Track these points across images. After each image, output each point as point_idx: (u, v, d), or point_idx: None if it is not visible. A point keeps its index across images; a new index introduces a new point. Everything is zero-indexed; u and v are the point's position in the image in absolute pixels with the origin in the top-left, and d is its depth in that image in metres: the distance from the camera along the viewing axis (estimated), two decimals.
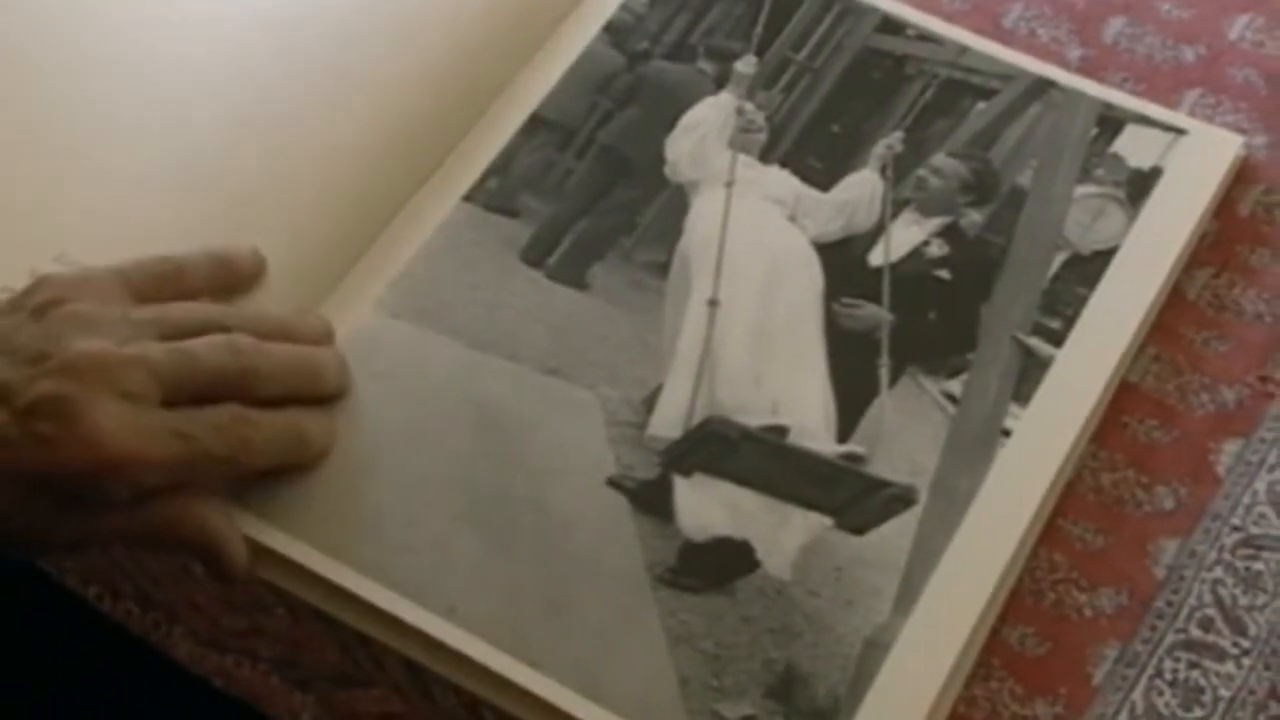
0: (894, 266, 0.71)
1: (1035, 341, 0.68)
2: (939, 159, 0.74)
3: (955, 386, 0.67)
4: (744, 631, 0.62)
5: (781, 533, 0.64)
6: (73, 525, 0.59)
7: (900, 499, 0.64)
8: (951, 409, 0.67)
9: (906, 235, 0.72)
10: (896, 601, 0.62)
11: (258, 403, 0.62)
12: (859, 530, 0.64)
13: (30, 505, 0.58)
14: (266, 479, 0.64)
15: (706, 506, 0.65)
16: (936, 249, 0.72)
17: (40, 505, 0.58)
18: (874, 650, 0.61)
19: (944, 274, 0.71)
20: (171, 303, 0.64)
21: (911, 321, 0.69)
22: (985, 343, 0.68)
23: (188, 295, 0.65)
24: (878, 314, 0.69)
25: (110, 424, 0.57)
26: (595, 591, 0.62)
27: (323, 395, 0.65)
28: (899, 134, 0.74)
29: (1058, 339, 0.68)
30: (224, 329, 0.63)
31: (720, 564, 0.63)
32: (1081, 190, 0.72)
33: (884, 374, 0.68)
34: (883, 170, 0.73)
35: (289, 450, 0.63)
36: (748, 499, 0.65)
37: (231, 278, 0.67)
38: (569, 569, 0.63)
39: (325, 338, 0.67)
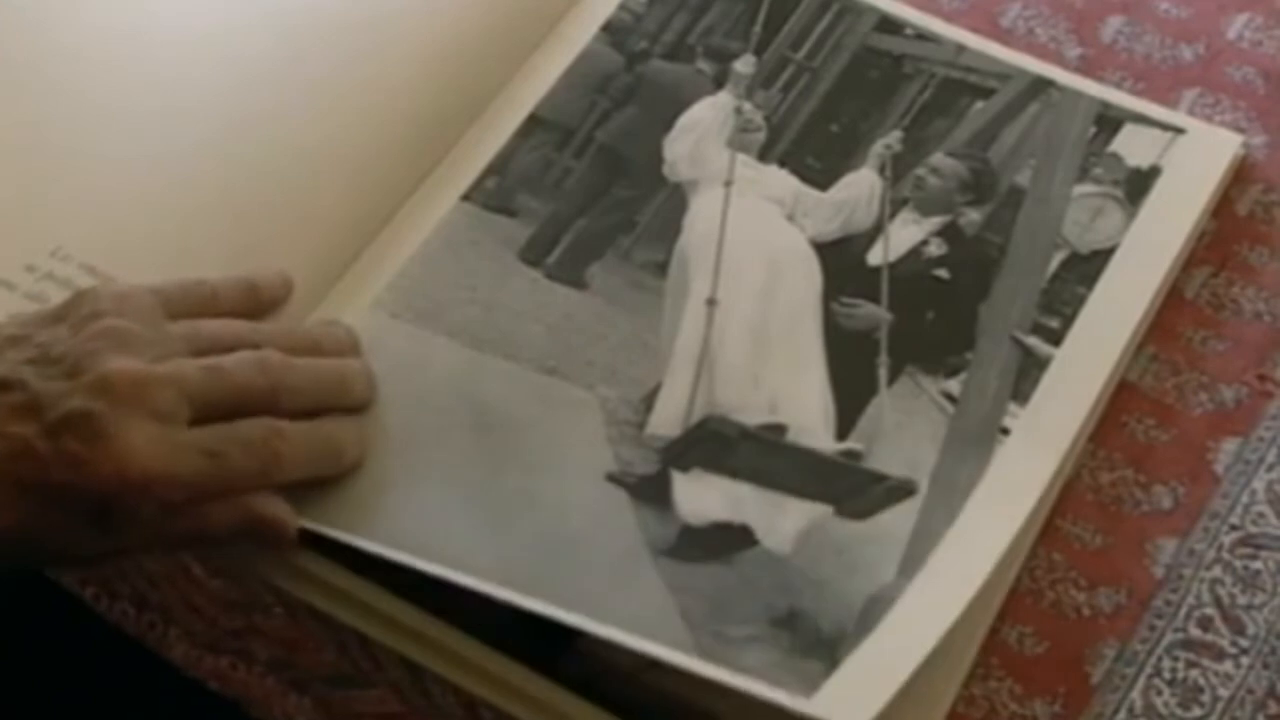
0: (892, 266, 0.71)
1: (1034, 341, 0.68)
2: (937, 158, 0.74)
3: (954, 386, 0.67)
4: (746, 590, 0.61)
5: (781, 519, 0.63)
6: (99, 540, 0.59)
7: (900, 489, 0.64)
8: (950, 408, 0.67)
9: (905, 234, 0.72)
10: (898, 574, 0.61)
11: (288, 417, 0.62)
12: (860, 516, 0.63)
13: (56, 519, 0.58)
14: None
15: (704, 497, 0.64)
16: (935, 248, 0.72)
17: (66, 519, 0.58)
18: (877, 604, 0.60)
19: (942, 273, 0.71)
20: (203, 319, 0.64)
21: (910, 321, 0.69)
22: (984, 342, 0.68)
23: (218, 317, 0.65)
24: (876, 313, 0.69)
25: (138, 443, 0.57)
26: (593, 561, 0.62)
27: (351, 406, 0.65)
28: (897, 133, 0.74)
29: (1056, 338, 0.68)
30: (254, 346, 0.63)
31: (719, 543, 0.63)
32: (1080, 189, 0.72)
33: (883, 373, 0.68)
34: (881, 169, 0.73)
35: (322, 461, 0.63)
36: (746, 493, 0.65)
37: (259, 304, 0.67)
38: (566, 547, 0.62)
39: (352, 349, 0.67)
